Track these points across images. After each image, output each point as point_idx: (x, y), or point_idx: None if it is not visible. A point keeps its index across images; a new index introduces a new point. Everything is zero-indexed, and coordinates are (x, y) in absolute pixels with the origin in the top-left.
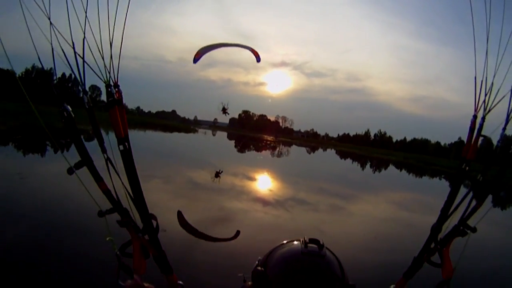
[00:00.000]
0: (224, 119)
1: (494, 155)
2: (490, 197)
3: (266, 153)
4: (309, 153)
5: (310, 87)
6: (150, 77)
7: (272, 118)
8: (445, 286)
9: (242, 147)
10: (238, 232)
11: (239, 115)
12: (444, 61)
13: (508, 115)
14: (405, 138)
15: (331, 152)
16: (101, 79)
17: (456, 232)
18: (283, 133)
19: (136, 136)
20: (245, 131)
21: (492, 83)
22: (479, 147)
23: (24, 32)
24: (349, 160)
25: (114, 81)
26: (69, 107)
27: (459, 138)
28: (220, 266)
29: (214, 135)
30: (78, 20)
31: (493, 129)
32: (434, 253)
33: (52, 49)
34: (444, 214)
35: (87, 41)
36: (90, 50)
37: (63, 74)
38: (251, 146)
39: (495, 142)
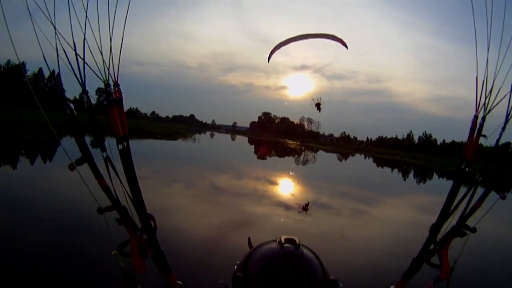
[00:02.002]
0: (244, 123)
1: (493, 155)
2: (489, 197)
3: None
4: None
5: (331, 90)
6: (170, 82)
7: (296, 121)
8: (440, 282)
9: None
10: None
11: (259, 117)
12: (464, 60)
13: (507, 115)
14: (444, 141)
15: (367, 160)
16: (100, 78)
17: (455, 232)
18: (309, 137)
19: None
20: (266, 135)
21: (493, 84)
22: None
23: (27, 34)
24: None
25: (114, 80)
26: (72, 105)
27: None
28: (223, 267)
29: (233, 139)
30: (78, 20)
31: (493, 129)
32: (434, 254)
33: (57, 51)
34: (444, 215)
35: (87, 41)
36: (90, 50)
37: (53, 72)
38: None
39: (494, 142)
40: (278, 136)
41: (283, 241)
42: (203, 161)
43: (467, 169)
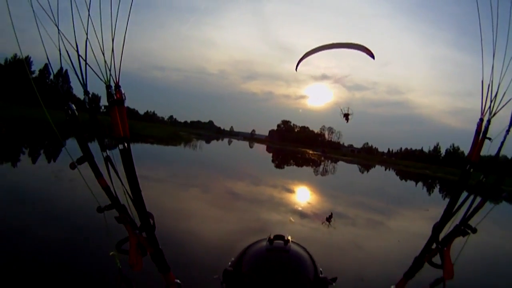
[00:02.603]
0: (262, 131)
1: (497, 157)
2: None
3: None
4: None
5: (351, 100)
6: (191, 88)
7: (316, 130)
8: (441, 283)
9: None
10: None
11: (278, 125)
12: (484, 72)
13: None
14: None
15: (390, 173)
16: (101, 79)
17: (457, 232)
18: (329, 147)
19: None
20: (286, 144)
21: (498, 87)
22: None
23: (32, 33)
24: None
25: (115, 81)
26: (73, 105)
27: None
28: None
29: (251, 147)
30: (81, 21)
31: (498, 132)
32: (436, 253)
33: (60, 51)
34: (447, 214)
35: (89, 42)
36: (92, 51)
37: (61, 69)
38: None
39: (498, 145)
40: (298, 145)
41: (272, 237)
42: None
43: (471, 170)
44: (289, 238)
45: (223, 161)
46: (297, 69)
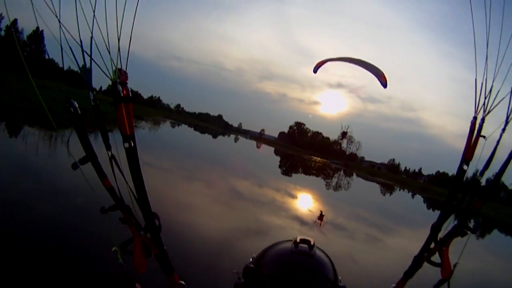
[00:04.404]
0: (272, 132)
1: (492, 156)
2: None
3: None
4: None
5: (364, 112)
6: (206, 81)
7: (332, 137)
8: (444, 284)
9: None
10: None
11: (290, 127)
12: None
13: (507, 116)
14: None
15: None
16: (108, 76)
17: (456, 232)
18: (347, 160)
19: None
20: (296, 149)
21: (492, 85)
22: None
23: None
24: None
25: (122, 78)
26: (75, 103)
27: None
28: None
29: (258, 147)
30: (85, 17)
31: (492, 130)
32: (434, 252)
33: (61, 48)
34: (445, 214)
35: (94, 39)
36: (97, 47)
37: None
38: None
39: (494, 143)
40: (311, 152)
41: (298, 240)
42: None
43: (466, 168)
44: (314, 242)
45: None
46: (316, 73)
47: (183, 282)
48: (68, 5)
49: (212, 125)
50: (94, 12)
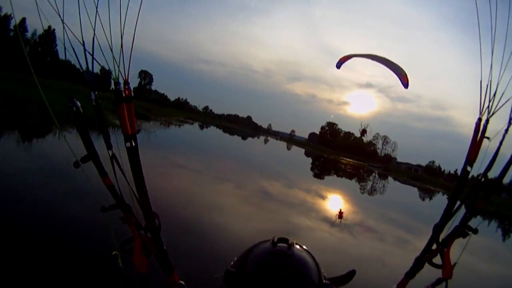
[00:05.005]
0: (301, 133)
1: (495, 157)
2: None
3: None
4: None
5: (393, 111)
6: (235, 83)
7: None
8: (443, 282)
9: None
10: (353, 272)
11: (322, 127)
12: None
13: (510, 118)
14: None
15: None
16: (110, 76)
17: (458, 232)
18: (381, 162)
19: None
20: (328, 150)
21: (497, 87)
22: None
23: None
24: None
25: (124, 78)
26: (78, 102)
27: None
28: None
29: (288, 149)
30: (88, 16)
31: (497, 131)
32: (436, 254)
33: (65, 48)
34: (447, 215)
35: (97, 38)
36: (100, 47)
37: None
38: None
39: (497, 144)
40: (345, 154)
41: (275, 240)
42: None
43: (469, 169)
44: (293, 241)
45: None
46: (339, 68)
47: (182, 282)
48: (72, 5)
49: (241, 126)
50: (96, 10)
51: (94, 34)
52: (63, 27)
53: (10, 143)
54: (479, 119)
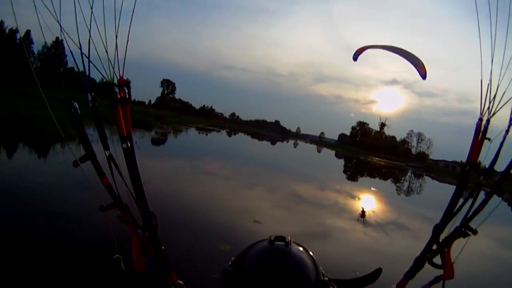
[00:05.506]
0: (331, 135)
1: (496, 158)
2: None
3: None
4: None
5: (421, 107)
6: (259, 88)
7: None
8: (440, 280)
9: None
10: (379, 270)
11: (353, 127)
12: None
13: (511, 119)
14: None
15: None
16: (105, 78)
17: (458, 233)
18: (416, 161)
19: None
20: (360, 151)
21: (498, 87)
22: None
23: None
24: None
25: (119, 80)
26: (76, 104)
27: None
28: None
29: (319, 152)
30: (84, 19)
31: (497, 132)
32: (436, 254)
33: (63, 51)
34: (448, 215)
35: (92, 41)
36: (96, 49)
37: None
38: None
39: (498, 145)
40: (375, 153)
41: (273, 238)
42: None
43: (471, 171)
44: (290, 239)
45: None
46: (356, 60)
47: (181, 282)
48: (67, 7)
49: (269, 131)
50: (92, 14)
51: (90, 36)
52: (61, 30)
53: (24, 155)
54: (480, 120)
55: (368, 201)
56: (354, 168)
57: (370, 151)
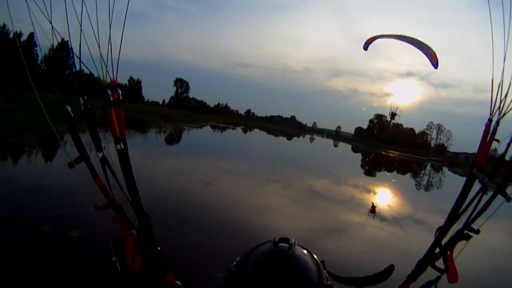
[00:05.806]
0: (348, 129)
1: (502, 160)
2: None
3: None
4: None
5: (437, 99)
6: (275, 84)
7: (417, 129)
8: (439, 281)
9: None
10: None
11: (370, 120)
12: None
13: None
14: None
15: None
16: (99, 80)
17: (461, 235)
18: (434, 153)
19: None
20: (377, 144)
21: (509, 88)
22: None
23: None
24: None
25: (112, 82)
26: (69, 107)
27: None
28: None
29: (335, 146)
30: (78, 20)
31: (507, 134)
32: (439, 257)
33: (56, 53)
34: (452, 218)
35: (86, 43)
36: (89, 51)
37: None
38: None
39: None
40: (392, 147)
41: (276, 240)
42: None
43: (477, 173)
44: (294, 241)
45: None
46: (366, 50)
47: (178, 283)
48: (60, 8)
49: (285, 127)
50: (81, 17)
51: (81, 40)
52: (52, 31)
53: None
54: (490, 120)
55: (391, 201)
56: (370, 163)
57: (389, 144)
